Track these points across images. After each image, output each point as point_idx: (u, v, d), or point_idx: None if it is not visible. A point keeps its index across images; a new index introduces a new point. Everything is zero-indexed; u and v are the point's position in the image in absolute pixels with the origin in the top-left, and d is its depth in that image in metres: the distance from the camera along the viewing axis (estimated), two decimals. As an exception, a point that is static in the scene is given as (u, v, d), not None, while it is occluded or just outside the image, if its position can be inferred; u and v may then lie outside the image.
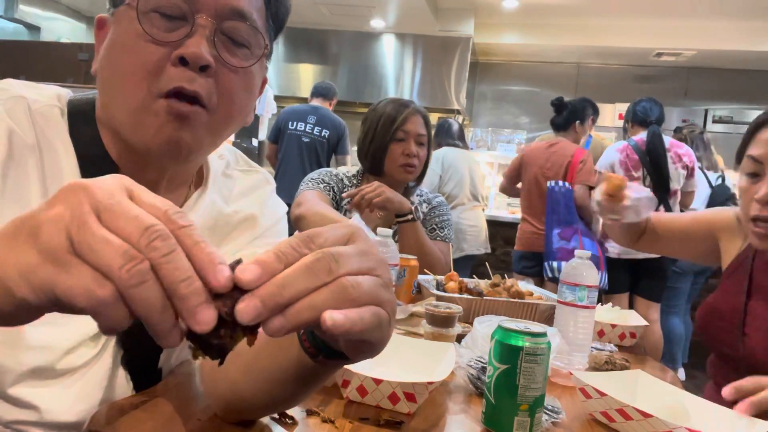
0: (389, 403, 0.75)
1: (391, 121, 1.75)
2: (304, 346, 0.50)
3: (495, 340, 0.73)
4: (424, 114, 1.80)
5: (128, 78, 0.64)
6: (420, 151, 1.76)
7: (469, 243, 3.60)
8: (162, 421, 0.65)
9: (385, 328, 0.40)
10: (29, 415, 0.64)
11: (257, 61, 0.70)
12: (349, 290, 0.37)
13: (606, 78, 5.54)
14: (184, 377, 0.81)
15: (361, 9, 4.69)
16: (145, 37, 0.63)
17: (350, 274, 0.37)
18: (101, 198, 0.33)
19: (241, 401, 0.62)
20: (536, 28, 5.19)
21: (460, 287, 1.41)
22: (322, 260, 0.37)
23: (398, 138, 1.74)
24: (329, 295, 0.36)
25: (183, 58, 0.62)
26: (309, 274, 0.36)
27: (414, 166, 1.75)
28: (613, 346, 1.24)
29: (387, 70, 5.15)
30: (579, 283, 1.11)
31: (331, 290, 0.36)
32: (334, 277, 0.37)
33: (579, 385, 0.81)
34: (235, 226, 0.81)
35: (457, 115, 5.30)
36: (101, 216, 0.33)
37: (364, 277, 0.38)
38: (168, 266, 0.32)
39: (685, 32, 4.89)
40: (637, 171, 3.04)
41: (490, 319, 1.06)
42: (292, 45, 5.26)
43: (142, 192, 0.35)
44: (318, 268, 0.36)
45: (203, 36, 0.64)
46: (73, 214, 0.32)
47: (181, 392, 0.75)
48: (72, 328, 0.66)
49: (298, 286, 0.36)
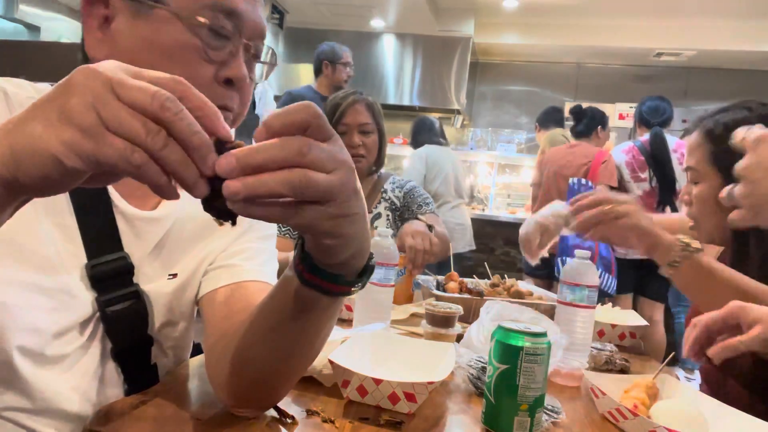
0: (389, 403, 0.75)
1: (331, 117, 1.76)
2: (296, 268, 0.54)
3: (495, 340, 0.73)
4: (369, 102, 1.78)
5: None
6: (366, 140, 1.75)
7: (456, 241, 3.53)
8: (161, 421, 0.65)
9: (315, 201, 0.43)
10: (26, 402, 0.64)
11: (268, 74, 0.77)
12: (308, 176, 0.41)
13: (606, 78, 5.54)
14: (183, 378, 0.82)
15: (361, 9, 4.69)
16: (200, 53, 0.65)
17: (316, 165, 0.42)
18: (111, 76, 0.39)
19: (247, 362, 0.63)
20: (536, 28, 5.19)
21: (460, 287, 1.42)
22: (297, 141, 0.41)
23: (340, 132, 1.74)
24: (287, 177, 0.41)
25: (230, 79, 0.67)
26: (281, 147, 0.41)
27: (361, 156, 1.75)
28: (613, 346, 1.24)
29: (387, 70, 5.15)
30: (579, 283, 1.11)
31: (292, 174, 0.41)
32: (303, 159, 0.41)
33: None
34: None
35: (457, 115, 5.31)
36: (115, 91, 0.38)
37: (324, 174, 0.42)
38: (181, 123, 0.39)
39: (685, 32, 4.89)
40: (643, 172, 3.04)
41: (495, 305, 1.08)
42: (292, 45, 5.25)
43: (139, 70, 0.41)
44: (291, 146, 0.41)
45: (242, 58, 0.68)
46: (95, 95, 0.38)
47: (181, 392, 0.75)
48: (60, 313, 0.66)
49: (270, 153, 0.41)
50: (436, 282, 1.49)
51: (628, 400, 0.83)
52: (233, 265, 0.78)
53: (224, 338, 0.68)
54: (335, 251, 0.49)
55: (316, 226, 0.45)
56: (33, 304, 0.64)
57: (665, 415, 0.78)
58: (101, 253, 0.70)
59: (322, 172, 0.42)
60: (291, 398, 0.76)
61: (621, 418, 0.78)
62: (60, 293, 0.66)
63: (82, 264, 0.68)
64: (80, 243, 0.68)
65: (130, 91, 0.38)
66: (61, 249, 0.66)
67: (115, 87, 0.38)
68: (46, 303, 0.65)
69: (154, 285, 0.75)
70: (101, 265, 0.69)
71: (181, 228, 0.78)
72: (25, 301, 0.63)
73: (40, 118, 0.39)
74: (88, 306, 0.69)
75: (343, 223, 0.46)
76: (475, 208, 4.98)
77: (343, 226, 0.46)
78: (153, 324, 0.75)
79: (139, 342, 0.75)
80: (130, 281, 0.72)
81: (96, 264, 0.69)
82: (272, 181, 0.40)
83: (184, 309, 0.80)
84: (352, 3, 4.56)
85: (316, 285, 0.53)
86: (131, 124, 0.38)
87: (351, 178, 0.44)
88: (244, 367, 0.63)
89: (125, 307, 0.71)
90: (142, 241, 0.74)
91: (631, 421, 0.76)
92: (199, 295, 0.79)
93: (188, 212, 0.78)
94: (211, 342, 0.71)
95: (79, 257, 0.68)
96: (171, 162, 0.39)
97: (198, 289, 0.80)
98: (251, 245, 0.81)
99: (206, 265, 0.79)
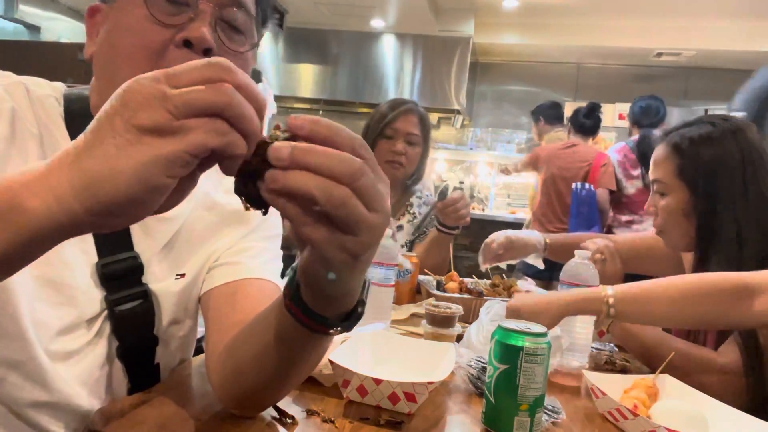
0: (389, 403, 0.75)
1: (382, 118, 1.76)
2: (289, 309, 0.52)
3: (495, 340, 0.73)
4: (421, 114, 1.80)
5: (131, 59, 0.64)
6: (409, 150, 1.75)
7: None
8: (162, 421, 0.65)
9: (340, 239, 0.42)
10: (40, 394, 0.64)
11: (252, 47, 0.72)
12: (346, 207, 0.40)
13: (606, 78, 5.53)
14: (184, 377, 0.82)
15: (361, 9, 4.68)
16: (151, 19, 0.64)
17: (362, 194, 0.40)
18: (156, 74, 0.38)
19: (242, 374, 0.63)
20: (536, 28, 5.18)
21: (460, 287, 1.42)
22: (358, 162, 0.40)
23: (387, 135, 1.75)
24: (332, 191, 0.39)
25: (187, 40, 0.64)
26: (340, 160, 0.40)
27: (400, 164, 1.75)
28: (613, 346, 1.24)
29: (387, 70, 5.14)
30: (579, 283, 1.11)
31: (337, 190, 0.39)
32: (354, 182, 0.40)
33: None
34: (227, 221, 0.81)
35: (457, 115, 5.30)
36: (169, 82, 0.37)
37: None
38: (241, 80, 0.38)
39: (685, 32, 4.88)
40: (635, 170, 3.07)
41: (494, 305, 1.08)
42: (292, 45, 5.25)
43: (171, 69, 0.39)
44: (350, 164, 0.40)
45: (206, 21, 0.65)
46: (153, 94, 0.37)
47: (181, 392, 0.75)
48: (66, 309, 0.66)
49: (326, 160, 0.39)
50: (436, 282, 1.49)
51: (628, 400, 0.83)
52: (236, 263, 0.78)
53: (223, 340, 0.68)
54: (325, 283, 0.47)
55: (324, 247, 0.42)
56: (39, 296, 0.64)
57: (665, 415, 0.78)
58: (112, 252, 0.70)
59: (364, 205, 0.40)
60: (291, 398, 0.76)
61: (621, 418, 0.78)
62: (69, 288, 0.66)
63: (93, 262, 0.69)
64: (92, 242, 0.69)
65: (181, 74, 0.38)
66: (73, 247, 0.67)
67: (165, 80, 0.37)
68: (53, 296, 0.65)
69: (162, 285, 0.75)
70: (112, 264, 0.70)
71: (191, 228, 0.78)
72: (31, 291, 0.63)
73: (107, 139, 0.37)
74: (96, 304, 0.69)
75: (348, 261, 0.43)
76: (475, 208, 4.98)
77: (347, 263, 0.44)
78: (160, 324, 0.75)
79: (145, 341, 0.75)
80: (139, 281, 0.72)
81: (107, 263, 0.69)
82: (316, 187, 0.39)
83: (190, 309, 0.80)
84: (352, 3, 4.55)
85: (294, 314, 0.52)
86: (200, 97, 0.37)
87: (383, 228, 0.43)
88: (240, 377, 0.63)
89: (134, 306, 0.71)
90: (152, 241, 0.74)
91: (631, 421, 0.76)
92: (202, 291, 0.79)
93: (197, 213, 0.78)
94: (212, 342, 0.71)
95: (91, 255, 0.69)
96: (244, 121, 0.38)
97: (201, 286, 0.80)
98: (256, 244, 0.81)
99: (211, 263, 0.80)
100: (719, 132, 1.16)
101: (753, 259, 1.08)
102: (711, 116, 1.23)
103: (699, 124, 1.20)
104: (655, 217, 1.26)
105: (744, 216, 1.11)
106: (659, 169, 1.23)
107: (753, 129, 1.18)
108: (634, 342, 1.15)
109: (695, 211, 1.17)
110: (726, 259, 1.11)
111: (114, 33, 0.66)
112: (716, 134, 1.16)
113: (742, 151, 1.14)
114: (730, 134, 1.15)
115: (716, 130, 1.17)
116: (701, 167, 1.16)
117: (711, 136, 1.17)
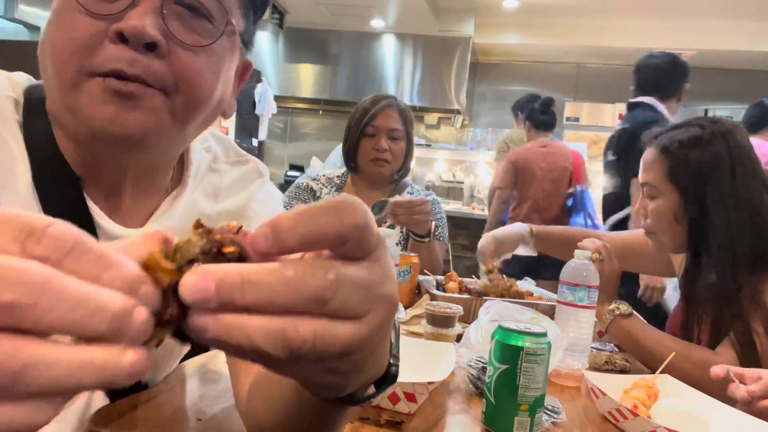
0: (389, 403, 0.75)
1: (362, 116, 1.75)
2: None
3: (495, 340, 0.73)
4: (402, 108, 1.78)
5: (58, 54, 0.54)
6: (393, 146, 1.74)
7: None
8: (162, 421, 0.65)
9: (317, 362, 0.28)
10: None
11: (218, 38, 0.58)
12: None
13: (606, 78, 5.53)
14: (183, 378, 0.81)
15: (361, 9, 4.68)
16: (77, 7, 0.53)
17: (340, 312, 0.27)
18: None
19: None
20: (536, 28, 5.19)
21: (460, 287, 1.42)
22: (319, 277, 0.26)
23: (368, 134, 1.73)
24: (287, 334, 0.25)
25: (121, 33, 0.52)
26: (294, 288, 0.26)
27: (385, 161, 1.74)
28: (613, 346, 1.24)
29: (387, 70, 5.15)
30: (579, 283, 1.11)
31: (297, 331, 0.26)
32: (322, 308, 0.26)
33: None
34: None
35: (457, 115, 5.30)
36: None
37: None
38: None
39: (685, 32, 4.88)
40: None
41: (494, 305, 1.08)
42: (292, 45, 5.25)
43: None
44: (308, 287, 0.26)
45: (149, 7, 0.53)
46: None
47: (181, 393, 0.75)
48: None
49: (270, 293, 0.25)
50: (435, 282, 1.49)
51: (628, 400, 0.83)
52: None
53: (247, 381, 0.60)
54: (329, 392, 0.36)
55: (309, 382, 0.34)
56: None
57: (665, 415, 0.78)
58: None
59: (349, 320, 0.27)
60: (291, 398, 0.76)
61: (621, 418, 0.78)
62: None
63: None
64: None
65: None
66: None
67: None
68: None
69: None
70: None
71: None
72: None
73: None
74: None
75: (347, 379, 0.33)
76: (475, 208, 4.98)
77: (347, 380, 0.33)
78: None
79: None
80: None
81: None
82: (260, 334, 0.25)
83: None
84: (352, 3, 4.55)
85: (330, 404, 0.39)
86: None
87: (389, 319, 0.30)
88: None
89: None
90: None
91: (631, 421, 0.76)
92: None
93: (177, 230, 0.75)
94: (238, 383, 0.63)
95: None
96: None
97: None
98: None
99: None
100: (708, 134, 1.16)
101: (744, 261, 1.09)
102: (699, 118, 1.23)
103: (688, 126, 1.20)
104: (644, 219, 1.26)
105: (735, 218, 1.11)
106: (649, 172, 1.23)
107: (742, 131, 1.18)
108: (631, 342, 1.15)
109: (686, 214, 1.18)
110: (717, 261, 1.11)
111: (46, 28, 0.57)
112: (705, 137, 1.16)
113: (731, 153, 1.14)
114: (719, 136, 1.15)
115: (705, 133, 1.17)
116: (691, 170, 1.16)
117: (700, 139, 1.17)
